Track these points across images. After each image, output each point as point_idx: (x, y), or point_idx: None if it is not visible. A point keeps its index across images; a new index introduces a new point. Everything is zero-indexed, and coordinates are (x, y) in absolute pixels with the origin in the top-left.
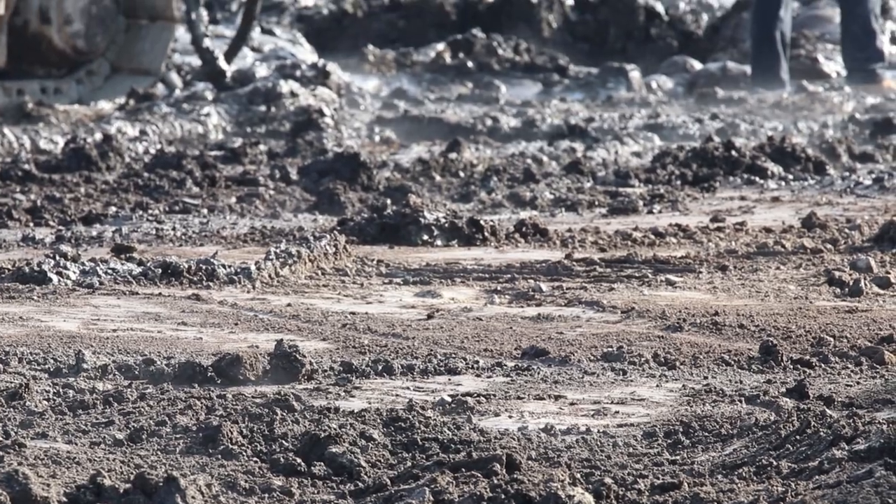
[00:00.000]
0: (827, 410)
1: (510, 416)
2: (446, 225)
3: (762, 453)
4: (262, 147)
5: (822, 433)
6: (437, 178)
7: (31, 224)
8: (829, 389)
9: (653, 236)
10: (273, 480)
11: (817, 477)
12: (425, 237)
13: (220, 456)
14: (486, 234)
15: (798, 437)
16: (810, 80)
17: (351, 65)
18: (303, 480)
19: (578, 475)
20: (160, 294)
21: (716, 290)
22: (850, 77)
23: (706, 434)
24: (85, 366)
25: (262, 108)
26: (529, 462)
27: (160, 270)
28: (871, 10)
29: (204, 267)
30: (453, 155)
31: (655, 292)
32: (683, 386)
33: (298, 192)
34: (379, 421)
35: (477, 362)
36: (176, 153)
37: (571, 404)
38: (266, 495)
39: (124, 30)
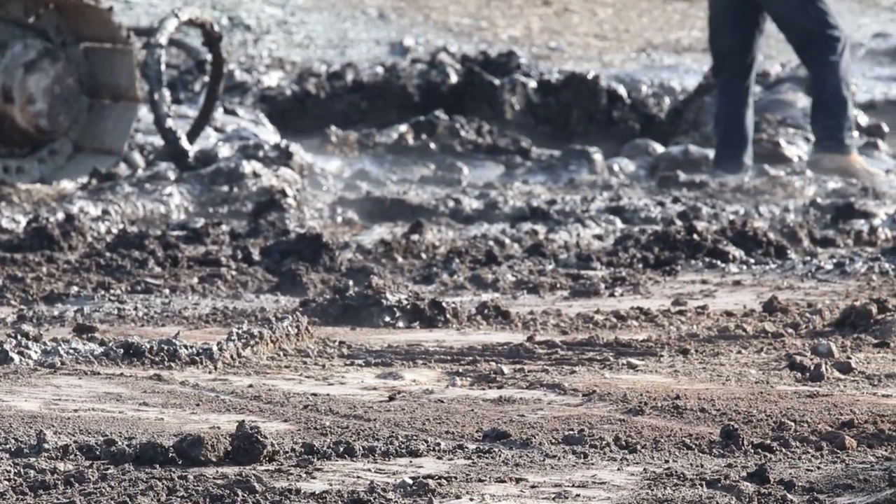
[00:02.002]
0: (788, 495)
1: (471, 499)
2: (408, 306)
3: None
4: (224, 227)
5: None
6: (400, 259)
7: None
8: (790, 474)
9: (614, 319)
10: None
11: None
12: (387, 319)
13: None
14: (447, 315)
15: None
16: (772, 164)
17: (314, 146)
18: None
19: None
20: (122, 374)
21: (677, 374)
22: (818, 146)
23: None
24: (46, 446)
25: (225, 188)
26: None
27: (122, 350)
28: (842, 78)
29: (166, 347)
30: (415, 236)
31: (617, 375)
32: (644, 469)
33: (260, 273)
34: (340, 503)
35: (438, 444)
36: (138, 233)
37: (532, 487)
38: None
39: (87, 109)
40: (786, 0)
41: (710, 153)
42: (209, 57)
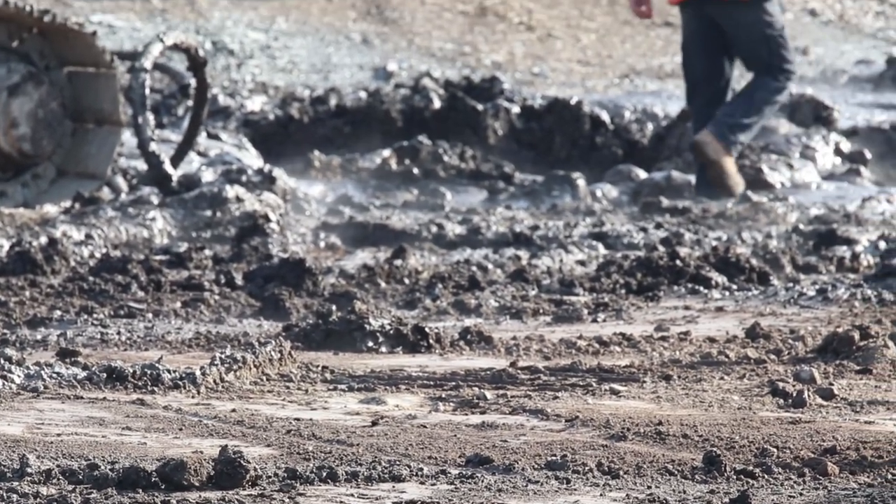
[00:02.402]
0: None
1: None
2: (391, 332)
3: None
4: (207, 252)
5: None
6: (383, 284)
7: None
8: (773, 500)
9: (597, 345)
10: None
11: None
12: (370, 344)
13: None
14: (430, 341)
15: None
16: (754, 190)
17: (297, 170)
18: None
19: None
20: (105, 398)
21: (660, 400)
22: (714, 127)
23: None
24: (29, 470)
25: (208, 212)
26: None
27: (105, 375)
28: (776, 100)
29: (149, 372)
30: (398, 262)
31: (599, 401)
32: (627, 495)
33: (244, 298)
34: None
35: (421, 469)
36: (121, 257)
37: None
38: None
39: (71, 133)
40: (749, 32)
41: (693, 179)
42: (193, 81)
